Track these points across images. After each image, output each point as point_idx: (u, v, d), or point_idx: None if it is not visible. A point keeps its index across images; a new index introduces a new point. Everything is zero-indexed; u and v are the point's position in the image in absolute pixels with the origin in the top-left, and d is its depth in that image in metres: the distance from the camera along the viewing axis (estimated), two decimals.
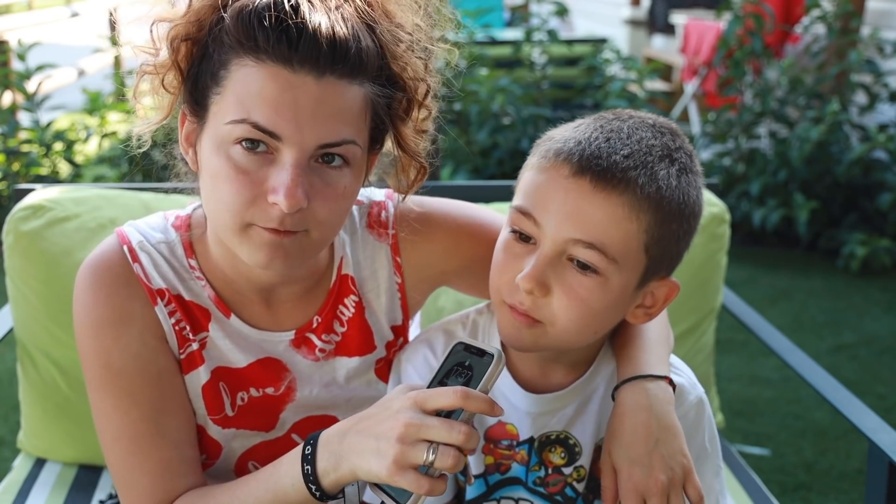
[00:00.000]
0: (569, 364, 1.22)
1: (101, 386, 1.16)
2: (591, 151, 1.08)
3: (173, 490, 1.15)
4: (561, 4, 5.17)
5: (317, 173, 1.04)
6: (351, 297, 1.25)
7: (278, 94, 1.00)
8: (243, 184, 1.03)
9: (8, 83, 4.65)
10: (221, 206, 1.05)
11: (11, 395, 3.05)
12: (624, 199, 1.07)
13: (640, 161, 1.08)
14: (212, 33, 1.04)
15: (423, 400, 0.98)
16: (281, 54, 0.99)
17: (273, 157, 1.03)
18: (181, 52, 1.06)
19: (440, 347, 1.27)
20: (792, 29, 5.22)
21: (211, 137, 1.05)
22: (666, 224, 1.09)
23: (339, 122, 1.03)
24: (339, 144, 1.04)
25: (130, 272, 1.17)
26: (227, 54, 1.03)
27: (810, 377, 1.74)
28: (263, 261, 1.07)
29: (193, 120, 1.10)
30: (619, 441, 1.12)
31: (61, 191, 1.77)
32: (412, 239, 1.26)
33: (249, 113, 1.01)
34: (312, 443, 1.05)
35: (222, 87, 1.03)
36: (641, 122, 1.14)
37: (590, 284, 1.09)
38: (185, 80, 1.08)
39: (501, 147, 4.80)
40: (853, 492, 2.72)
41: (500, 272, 1.15)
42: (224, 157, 1.04)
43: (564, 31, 7.38)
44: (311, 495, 1.04)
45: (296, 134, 1.01)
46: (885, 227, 4.48)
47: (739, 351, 3.56)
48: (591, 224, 1.07)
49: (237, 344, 1.21)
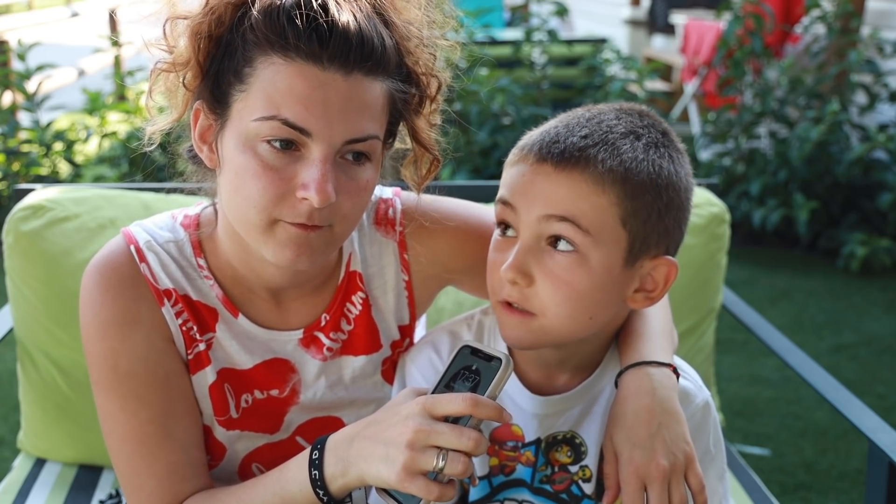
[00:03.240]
0: (575, 366, 1.22)
1: (107, 388, 1.15)
2: (551, 138, 1.12)
3: (180, 492, 1.15)
4: (561, 4, 5.17)
5: (341, 169, 1.06)
6: (358, 293, 1.26)
7: (309, 92, 1.01)
8: (271, 180, 1.03)
9: (8, 83, 4.65)
10: (248, 203, 1.05)
11: (11, 395, 3.05)
12: (586, 175, 1.09)
13: (600, 139, 1.11)
14: (233, 29, 1.04)
15: (432, 405, 0.98)
16: (311, 52, 1.00)
17: (301, 153, 1.04)
18: (201, 49, 1.06)
19: (445, 349, 1.27)
20: (792, 29, 5.22)
21: (236, 134, 1.05)
22: (638, 196, 1.10)
23: (365, 118, 1.05)
24: (364, 140, 1.05)
25: (137, 273, 1.17)
26: (252, 51, 1.03)
27: (810, 377, 1.74)
28: (290, 256, 1.07)
29: (212, 117, 1.09)
30: (620, 425, 1.11)
31: (61, 191, 1.77)
32: (419, 236, 1.26)
33: (279, 109, 1.01)
34: (320, 448, 1.05)
35: (248, 84, 1.03)
36: (606, 108, 1.17)
37: (569, 264, 1.10)
38: (204, 77, 1.07)
39: (501, 147, 4.80)
40: (853, 492, 2.72)
41: (492, 271, 1.17)
42: (251, 154, 1.04)
43: (564, 31, 7.38)
44: (319, 500, 1.04)
45: (325, 130, 1.02)
46: (885, 227, 4.48)
47: (739, 351, 3.56)
48: (559, 200, 1.10)
49: (243, 345, 1.21)
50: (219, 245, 1.19)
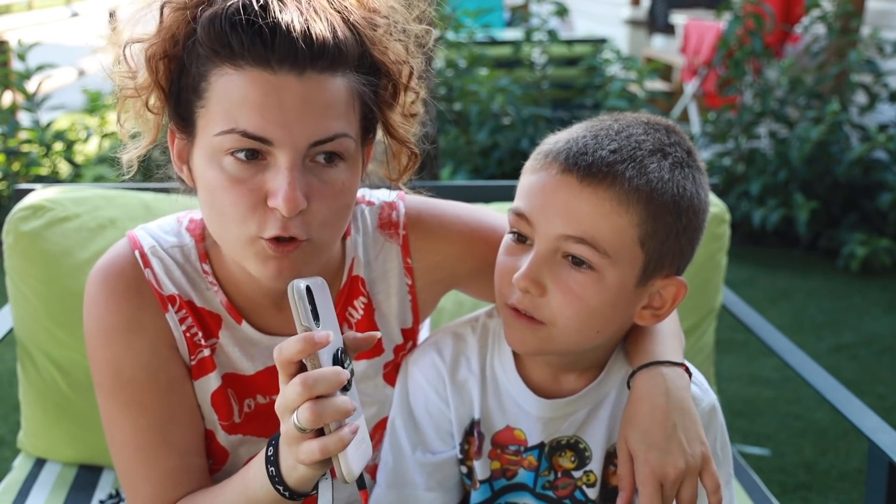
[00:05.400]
0: (580, 369, 1.22)
1: (110, 393, 1.15)
2: (578, 148, 1.09)
3: (175, 497, 1.15)
4: (561, 4, 5.17)
5: (313, 173, 1.03)
6: (360, 298, 1.25)
7: (262, 98, 0.98)
8: (241, 193, 1.01)
9: (8, 83, 4.65)
10: (223, 220, 1.04)
11: (11, 395, 3.05)
12: (611, 193, 1.07)
13: (628, 155, 1.08)
14: (186, 47, 1.02)
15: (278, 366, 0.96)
16: (258, 57, 0.98)
17: (267, 162, 1.01)
18: (160, 71, 1.04)
19: (448, 352, 1.26)
20: (792, 29, 5.22)
21: (202, 151, 1.04)
22: (659, 218, 1.09)
23: (327, 118, 1.01)
24: (330, 140, 1.01)
25: (142, 278, 1.16)
26: (204, 66, 1.01)
27: (810, 377, 1.74)
28: (272, 274, 1.05)
29: (182, 136, 1.08)
30: (635, 426, 1.10)
31: (61, 191, 1.76)
32: (423, 240, 1.26)
33: (237, 122, 0.99)
34: (274, 444, 1.03)
35: (205, 99, 1.02)
36: (634, 120, 1.14)
37: (584, 281, 1.09)
38: (168, 98, 1.06)
39: (501, 147, 4.80)
40: (853, 492, 2.72)
41: (501, 274, 1.15)
42: (217, 169, 1.02)
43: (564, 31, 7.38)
44: (281, 495, 1.02)
45: (286, 136, 0.99)
46: (885, 227, 4.48)
47: (739, 351, 3.56)
48: (581, 219, 1.08)
49: (246, 351, 1.21)
50: (222, 254, 1.18)
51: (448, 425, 1.25)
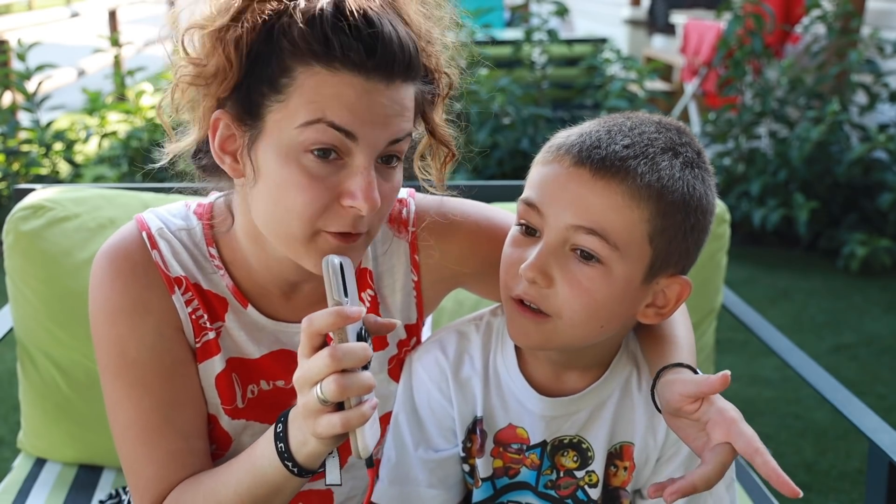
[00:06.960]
0: (582, 367, 1.22)
1: (114, 374, 1.16)
2: (592, 142, 1.10)
3: (177, 479, 1.15)
4: (561, 4, 5.17)
5: (379, 173, 1.07)
6: (367, 291, 1.25)
7: (354, 100, 1.01)
8: (318, 191, 1.03)
9: (8, 83, 4.66)
10: (290, 215, 1.05)
11: (11, 395, 3.05)
12: (623, 188, 1.08)
13: (641, 151, 1.09)
14: (268, 39, 1.02)
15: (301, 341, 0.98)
16: (357, 63, 1.00)
17: (343, 161, 1.04)
18: (233, 59, 1.03)
19: (452, 350, 1.27)
20: (792, 29, 5.22)
21: (274, 146, 1.04)
22: (669, 215, 1.09)
23: (403, 121, 1.06)
24: (402, 140, 1.07)
25: (149, 259, 1.16)
26: (289, 60, 1.01)
27: (810, 377, 1.74)
28: None
29: (241, 128, 1.06)
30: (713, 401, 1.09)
31: (61, 191, 1.77)
32: (431, 238, 1.26)
33: (325, 113, 1.01)
34: (283, 420, 1.04)
35: (286, 94, 1.02)
36: (647, 119, 1.15)
37: (592, 274, 1.09)
38: (234, 88, 1.05)
39: (501, 147, 4.80)
40: (853, 492, 2.72)
41: (507, 266, 1.16)
42: (294, 166, 1.03)
43: (564, 31, 7.39)
44: (290, 472, 1.03)
45: (370, 135, 1.03)
46: (885, 227, 4.48)
47: (739, 351, 3.56)
48: (592, 210, 1.08)
49: (251, 335, 1.21)
50: (236, 241, 1.19)
51: (451, 423, 1.25)
